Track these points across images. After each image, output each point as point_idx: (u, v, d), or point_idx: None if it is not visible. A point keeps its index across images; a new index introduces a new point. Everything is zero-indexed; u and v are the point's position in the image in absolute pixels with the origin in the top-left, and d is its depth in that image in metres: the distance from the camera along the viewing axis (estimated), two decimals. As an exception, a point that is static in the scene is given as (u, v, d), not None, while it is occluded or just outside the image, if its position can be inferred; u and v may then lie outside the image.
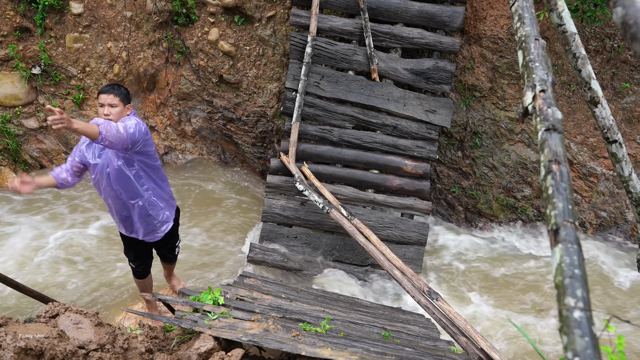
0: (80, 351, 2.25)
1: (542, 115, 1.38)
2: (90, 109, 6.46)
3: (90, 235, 5.38)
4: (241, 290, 3.63)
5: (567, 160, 1.54)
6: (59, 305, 2.51)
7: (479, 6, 5.53)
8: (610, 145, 2.68)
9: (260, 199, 6.23)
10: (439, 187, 6.15)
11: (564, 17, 2.55)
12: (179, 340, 2.84)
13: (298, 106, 5.27)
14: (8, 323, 2.24)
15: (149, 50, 6.22)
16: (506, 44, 5.54)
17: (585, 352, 0.90)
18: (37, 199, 5.91)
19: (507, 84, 5.68)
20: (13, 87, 6.18)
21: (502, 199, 5.97)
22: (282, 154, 5.25)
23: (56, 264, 4.91)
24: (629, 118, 5.65)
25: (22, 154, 6.31)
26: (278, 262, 4.99)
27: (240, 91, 6.22)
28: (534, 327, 4.64)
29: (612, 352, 1.66)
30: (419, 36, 5.35)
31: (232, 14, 5.96)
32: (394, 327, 3.70)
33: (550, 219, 1.14)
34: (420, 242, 5.25)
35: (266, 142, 6.47)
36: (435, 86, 5.39)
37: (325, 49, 5.36)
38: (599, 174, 5.77)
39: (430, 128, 5.39)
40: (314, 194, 4.74)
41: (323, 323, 3.27)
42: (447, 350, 3.42)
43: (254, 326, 2.93)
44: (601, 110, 2.60)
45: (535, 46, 1.62)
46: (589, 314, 0.95)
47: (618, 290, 5.14)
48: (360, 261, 5.23)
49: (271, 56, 6.04)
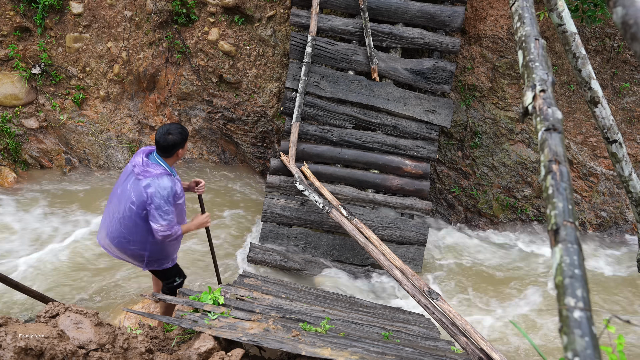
0: (80, 351, 2.25)
1: (542, 115, 1.38)
2: (90, 108, 6.46)
3: (90, 235, 5.37)
4: (241, 290, 3.63)
5: (567, 160, 1.54)
6: (59, 305, 2.51)
7: (479, 6, 5.53)
8: (610, 145, 2.68)
9: (260, 199, 6.23)
10: (439, 187, 6.15)
11: (564, 17, 2.56)
12: (179, 340, 2.84)
13: (298, 106, 5.27)
14: (8, 323, 2.24)
15: (149, 50, 6.22)
16: (506, 44, 5.54)
17: (585, 352, 0.90)
18: (38, 198, 5.91)
19: (507, 83, 5.68)
20: (13, 87, 6.18)
21: (502, 198, 5.97)
22: (282, 154, 5.25)
23: (56, 264, 4.91)
24: (629, 118, 5.65)
25: (22, 154, 6.31)
26: (278, 262, 4.99)
27: (240, 91, 6.22)
28: (534, 327, 4.64)
29: (612, 352, 1.66)
30: (419, 36, 5.35)
31: (232, 14, 5.96)
32: (394, 327, 3.70)
33: (550, 219, 1.14)
34: (420, 242, 5.25)
35: (266, 142, 6.47)
36: (435, 86, 5.38)
37: (325, 48, 5.36)
38: (599, 173, 5.77)
39: (430, 128, 5.39)
40: (314, 193, 4.74)
41: (323, 323, 3.27)
42: (447, 350, 3.42)
43: (254, 326, 2.93)
44: (601, 110, 2.60)
45: (535, 46, 1.62)
46: (589, 314, 0.95)
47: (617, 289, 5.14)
48: (360, 261, 5.23)
49: (271, 56, 6.04)
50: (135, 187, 3.32)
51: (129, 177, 3.41)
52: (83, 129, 6.45)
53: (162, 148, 3.33)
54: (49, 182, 6.22)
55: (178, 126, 3.37)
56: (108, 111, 6.49)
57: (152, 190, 3.25)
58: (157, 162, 3.35)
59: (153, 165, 3.33)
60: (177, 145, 3.34)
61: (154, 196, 3.25)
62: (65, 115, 6.38)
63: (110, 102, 6.47)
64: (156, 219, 3.27)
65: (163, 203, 3.26)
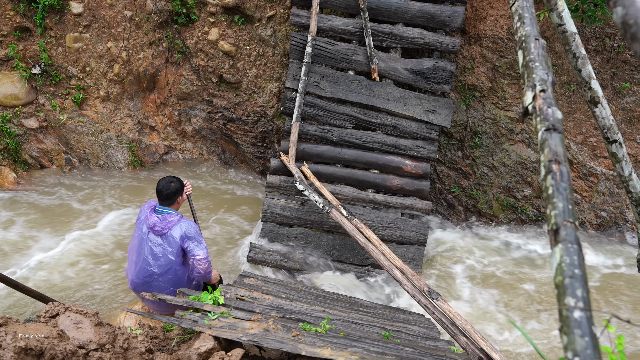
0: (80, 351, 2.25)
1: (542, 115, 1.38)
2: (90, 108, 6.46)
3: (90, 235, 5.37)
4: (241, 290, 3.63)
5: (567, 160, 1.54)
6: (59, 305, 2.51)
7: (479, 6, 5.53)
8: (611, 145, 2.68)
9: (260, 199, 6.23)
10: (439, 187, 6.15)
11: (564, 16, 2.55)
12: (179, 340, 2.84)
13: (298, 106, 5.27)
14: (8, 323, 2.24)
15: (149, 50, 6.22)
16: (506, 44, 5.54)
17: (585, 352, 0.90)
18: (40, 196, 5.91)
19: (507, 83, 5.68)
20: (13, 86, 6.18)
21: (502, 198, 5.97)
22: (282, 154, 5.25)
23: (57, 264, 4.91)
24: (629, 118, 5.65)
25: (22, 154, 6.31)
26: (278, 262, 4.99)
27: (240, 91, 6.22)
28: (535, 326, 4.64)
29: (612, 352, 1.66)
30: (419, 36, 5.35)
31: (232, 14, 5.96)
32: (394, 327, 3.70)
33: (550, 219, 1.14)
34: (420, 241, 5.25)
35: (266, 142, 6.47)
36: (435, 86, 5.38)
37: (325, 48, 5.36)
38: (599, 173, 5.77)
39: (430, 128, 5.39)
40: (314, 193, 4.74)
41: (323, 323, 3.27)
42: (447, 350, 3.42)
43: (254, 326, 2.93)
44: (601, 110, 2.60)
45: (535, 46, 1.62)
46: (589, 314, 0.95)
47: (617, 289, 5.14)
48: (360, 261, 5.23)
49: (271, 56, 6.04)
50: (166, 241, 3.65)
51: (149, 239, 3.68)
52: (83, 129, 6.45)
53: (166, 196, 3.71)
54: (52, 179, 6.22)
55: (175, 176, 3.82)
56: (108, 111, 6.49)
57: (183, 231, 3.63)
58: (168, 213, 3.70)
59: (169, 216, 3.68)
60: (179, 192, 3.75)
61: (188, 232, 3.63)
62: (65, 115, 6.38)
63: (110, 102, 6.47)
64: (195, 250, 3.62)
65: (197, 235, 3.65)
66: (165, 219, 3.65)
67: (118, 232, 5.46)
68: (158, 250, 3.64)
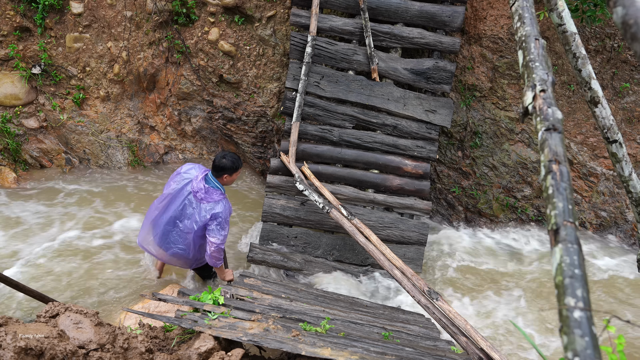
0: (80, 351, 2.25)
1: (542, 115, 1.38)
2: (90, 108, 6.46)
3: (91, 235, 5.38)
4: (241, 290, 3.63)
5: (567, 160, 1.54)
6: (59, 305, 2.51)
7: (479, 6, 5.53)
8: (611, 145, 2.68)
9: (260, 199, 6.23)
10: (439, 187, 6.15)
11: (564, 16, 2.56)
12: (179, 340, 2.84)
13: (298, 106, 5.27)
14: (8, 323, 2.24)
15: (149, 50, 6.22)
16: (506, 44, 5.54)
17: (585, 352, 0.90)
18: (40, 195, 5.91)
19: (507, 83, 5.68)
20: (13, 86, 6.18)
21: (502, 198, 5.97)
22: (282, 154, 5.25)
23: (58, 264, 4.91)
24: (629, 118, 5.65)
25: (22, 154, 6.31)
26: (278, 262, 5.00)
27: (240, 91, 6.22)
28: (535, 326, 4.64)
29: (612, 352, 1.66)
30: (419, 36, 5.35)
31: (232, 14, 5.96)
32: (394, 327, 3.70)
33: (550, 219, 1.14)
34: (421, 241, 5.25)
35: (266, 142, 6.47)
36: (435, 86, 5.38)
37: (325, 48, 5.36)
38: (599, 173, 5.77)
39: (431, 128, 5.39)
40: (314, 193, 4.74)
41: (323, 323, 3.27)
42: (447, 350, 3.42)
43: (254, 326, 2.93)
44: (601, 110, 2.60)
45: (535, 46, 1.62)
46: (589, 314, 0.95)
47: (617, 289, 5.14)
48: (360, 261, 5.23)
49: (271, 56, 6.04)
50: (199, 210, 3.88)
51: (187, 196, 3.92)
52: (83, 129, 6.45)
53: (214, 167, 3.90)
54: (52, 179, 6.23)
55: (234, 155, 3.94)
56: (108, 111, 6.49)
57: (216, 211, 3.84)
58: (215, 187, 3.90)
59: (213, 191, 3.88)
60: (226, 170, 3.89)
61: (219, 215, 3.85)
62: (65, 115, 6.39)
63: (110, 102, 6.48)
64: (215, 233, 3.86)
65: (224, 222, 3.88)
66: (209, 192, 3.87)
67: (118, 232, 5.46)
68: (190, 211, 3.90)
